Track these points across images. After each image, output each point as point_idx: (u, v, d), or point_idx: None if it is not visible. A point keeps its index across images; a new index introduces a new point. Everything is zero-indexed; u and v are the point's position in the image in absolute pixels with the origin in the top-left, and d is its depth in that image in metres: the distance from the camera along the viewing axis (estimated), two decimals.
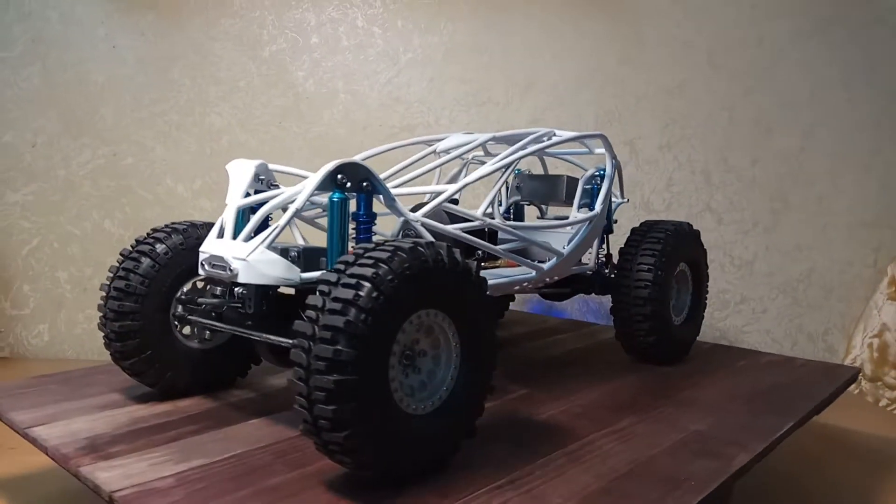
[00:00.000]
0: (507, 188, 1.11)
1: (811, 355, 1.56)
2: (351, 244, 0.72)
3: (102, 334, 0.78)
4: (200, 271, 0.72)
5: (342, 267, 0.56)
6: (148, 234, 0.80)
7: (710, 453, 0.70)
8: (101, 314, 0.77)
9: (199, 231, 0.81)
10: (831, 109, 1.53)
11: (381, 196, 0.72)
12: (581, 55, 1.54)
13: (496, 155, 1.08)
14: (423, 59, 1.55)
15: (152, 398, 0.80)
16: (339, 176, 0.68)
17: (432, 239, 0.73)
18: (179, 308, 0.79)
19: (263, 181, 0.78)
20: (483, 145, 0.96)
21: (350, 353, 0.52)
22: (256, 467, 0.62)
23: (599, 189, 1.01)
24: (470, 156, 1.06)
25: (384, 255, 0.56)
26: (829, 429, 1.19)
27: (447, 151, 0.97)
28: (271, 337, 0.69)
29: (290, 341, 0.65)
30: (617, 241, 1.10)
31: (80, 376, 0.89)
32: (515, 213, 1.14)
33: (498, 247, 0.87)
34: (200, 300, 0.78)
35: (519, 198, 1.11)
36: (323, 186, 0.68)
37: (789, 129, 1.54)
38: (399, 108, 1.55)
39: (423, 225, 0.76)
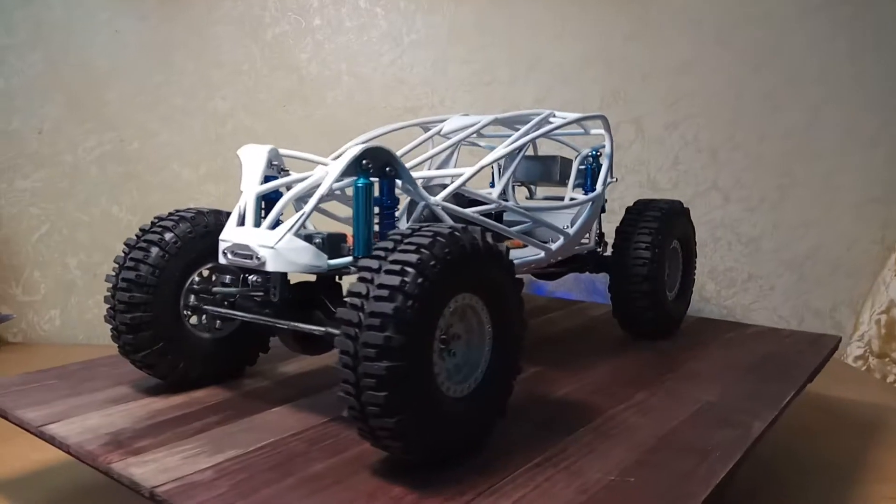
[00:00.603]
0: (500, 170, 1.11)
1: (819, 332, 1.56)
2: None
3: (110, 326, 0.76)
4: (222, 260, 0.70)
5: (382, 253, 0.56)
6: (153, 222, 0.78)
7: (727, 423, 0.72)
8: (109, 306, 0.75)
9: (205, 218, 0.79)
10: (839, 86, 1.52)
11: (401, 180, 0.71)
12: (587, 33, 1.53)
13: (490, 137, 1.09)
14: (426, 39, 1.54)
15: (163, 390, 0.78)
16: (364, 161, 0.67)
17: (451, 222, 0.73)
18: (192, 298, 0.78)
19: (275, 167, 0.78)
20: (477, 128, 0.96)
21: (399, 340, 0.52)
22: (293, 455, 0.62)
23: (593, 169, 1.03)
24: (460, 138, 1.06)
25: (425, 241, 0.56)
26: (836, 402, 1.20)
27: (448, 136, 0.96)
28: (303, 325, 0.68)
29: (322, 329, 0.66)
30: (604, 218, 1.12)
31: (78, 370, 0.87)
32: None
33: (510, 229, 0.87)
34: (216, 289, 0.76)
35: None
36: (347, 172, 0.67)
37: (796, 105, 1.53)
38: (403, 90, 1.55)
39: (443, 209, 0.76)
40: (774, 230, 1.55)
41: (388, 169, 0.69)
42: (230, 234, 0.69)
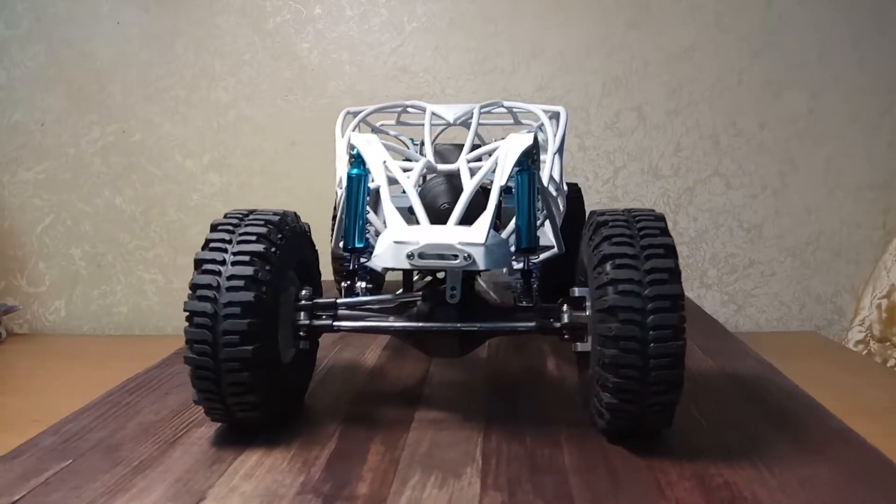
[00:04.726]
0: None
1: (820, 317, 1.57)
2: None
3: (194, 366, 0.59)
4: (402, 265, 0.61)
5: (629, 240, 0.58)
6: (228, 229, 0.63)
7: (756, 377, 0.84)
8: (198, 341, 0.58)
9: (287, 221, 0.67)
10: (840, 71, 1.51)
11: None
12: (588, 21, 1.53)
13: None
14: (427, 27, 1.54)
15: (241, 439, 0.64)
16: (533, 151, 0.66)
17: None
18: (301, 315, 0.67)
19: None
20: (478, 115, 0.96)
21: (684, 318, 0.56)
22: (527, 458, 0.60)
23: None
24: (378, 123, 1.09)
25: (661, 224, 0.60)
26: (836, 387, 1.20)
27: (449, 124, 0.96)
28: (513, 324, 0.66)
29: (529, 324, 0.65)
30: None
31: (65, 445, 0.64)
32: None
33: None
34: (342, 301, 0.68)
35: None
36: (519, 161, 0.66)
37: (798, 91, 1.53)
38: (404, 79, 1.55)
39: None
40: (776, 216, 1.55)
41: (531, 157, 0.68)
42: (415, 235, 0.61)
